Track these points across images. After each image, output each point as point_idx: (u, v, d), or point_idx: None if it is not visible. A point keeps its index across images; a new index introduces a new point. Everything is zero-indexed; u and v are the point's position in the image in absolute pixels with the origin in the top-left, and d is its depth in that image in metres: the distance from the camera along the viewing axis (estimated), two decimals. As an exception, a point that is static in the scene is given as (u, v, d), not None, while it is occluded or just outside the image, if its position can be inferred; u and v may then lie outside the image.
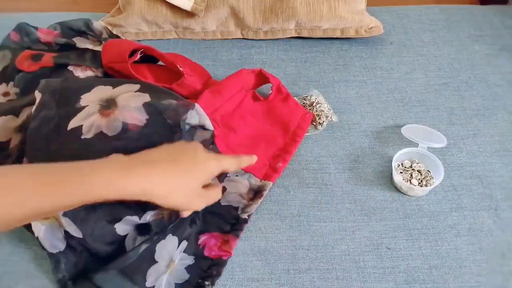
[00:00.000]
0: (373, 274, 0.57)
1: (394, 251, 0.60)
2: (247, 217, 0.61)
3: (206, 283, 0.55)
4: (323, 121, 0.74)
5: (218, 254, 0.58)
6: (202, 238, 0.59)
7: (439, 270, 0.58)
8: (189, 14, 0.87)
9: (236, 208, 0.62)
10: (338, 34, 0.89)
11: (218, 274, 0.56)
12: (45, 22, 0.85)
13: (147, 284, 0.53)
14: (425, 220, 0.63)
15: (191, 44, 0.91)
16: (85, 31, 0.84)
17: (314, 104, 0.75)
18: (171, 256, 0.55)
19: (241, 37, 0.92)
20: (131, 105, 0.57)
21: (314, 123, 0.74)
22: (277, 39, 0.91)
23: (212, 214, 0.61)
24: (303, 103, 0.77)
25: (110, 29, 0.89)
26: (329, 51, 0.89)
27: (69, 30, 0.84)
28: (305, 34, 0.90)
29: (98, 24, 0.87)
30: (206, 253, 0.58)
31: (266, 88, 0.77)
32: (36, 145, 0.56)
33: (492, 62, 0.87)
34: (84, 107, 0.58)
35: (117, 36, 0.89)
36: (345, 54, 0.89)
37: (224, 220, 0.61)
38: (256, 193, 0.64)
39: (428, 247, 0.60)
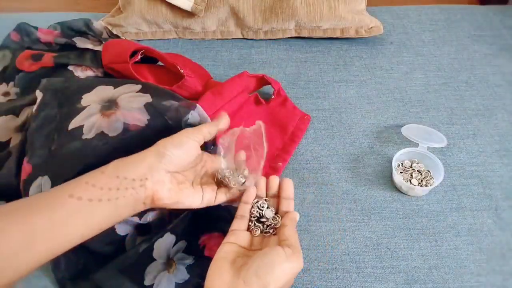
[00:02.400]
0: (373, 274, 0.57)
1: (394, 251, 0.60)
2: None
3: None
4: None
5: None
6: (202, 238, 0.59)
7: (439, 270, 0.58)
8: (189, 14, 0.87)
9: (237, 208, 0.62)
10: (338, 34, 0.89)
11: None
12: (45, 22, 0.85)
13: (146, 282, 0.53)
14: (425, 220, 0.63)
15: (191, 44, 0.91)
16: (85, 31, 0.84)
17: None
18: (168, 253, 0.55)
19: (241, 37, 0.92)
20: (132, 106, 0.57)
21: None
22: (277, 39, 0.91)
23: (212, 214, 0.61)
24: None
25: (110, 29, 0.89)
26: (329, 51, 0.89)
27: (69, 30, 0.84)
28: (305, 34, 0.90)
29: (98, 24, 0.87)
30: (206, 253, 0.58)
31: (266, 88, 0.77)
32: (37, 144, 0.56)
33: (492, 62, 0.87)
34: (85, 107, 0.58)
35: (117, 36, 0.89)
36: (345, 54, 0.89)
37: (224, 220, 0.61)
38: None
39: (428, 247, 0.60)
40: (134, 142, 0.55)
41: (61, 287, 0.54)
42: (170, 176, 0.48)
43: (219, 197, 0.54)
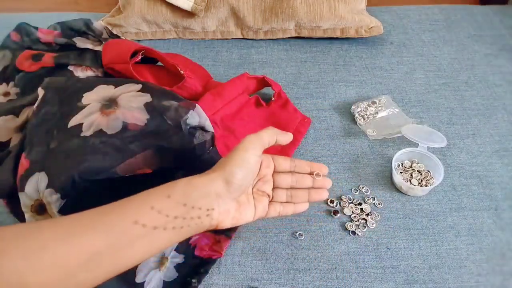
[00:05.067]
0: (373, 274, 0.57)
1: (394, 251, 0.60)
2: None
3: (193, 280, 0.55)
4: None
5: (208, 254, 0.58)
6: (194, 238, 0.59)
7: (439, 270, 0.58)
8: (189, 14, 0.87)
9: None
10: (338, 34, 0.89)
11: (205, 272, 0.56)
12: (45, 22, 0.85)
13: (137, 280, 0.53)
14: (425, 220, 0.63)
15: (191, 44, 0.91)
16: (85, 31, 0.84)
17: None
18: (162, 252, 0.55)
19: (241, 37, 0.92)
20: (132, 105, 0.57)
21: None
22: (277, 39, 0.91)
23: None
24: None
25: (110, 29, 0.89)
26: (329, 51, 0.89)
27: (69, 30, 0.84)
28: (305, 34, 0.90)
29: (98, 24, 0.87)
30: (196, 252, 0.58)
31: (268, 90, 0.77)
32: (36, 140, 0.56)
33: (492, 62, 0.87)
34: (85, 106, 0.58)
35: (117, 36, 0.89)
36: (345, 54, 0.89)
37: None
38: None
39: (428, 247, 0.60)
40: (132, 141, 0.55)
41: None
42: (235, 203, 0.48)
43: (271, 212, 0.53)
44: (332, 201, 0.64)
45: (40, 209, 0.53)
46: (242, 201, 0.50)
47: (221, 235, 0.59)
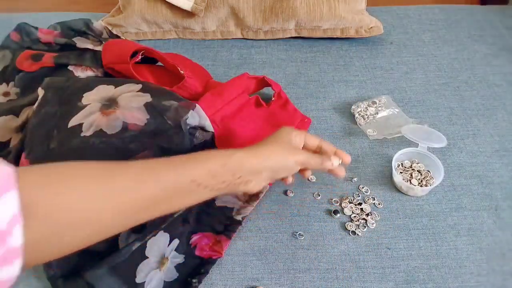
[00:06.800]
0: (373, 274, 0.57)
1: (394, 251, 0.60)
2: (241, 219, 0.61)
3: (194, 280, 0.55)
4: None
5: (208, 254, 0.58)
6: (194, 238, 0.59)
7: (439, 270, 0.58)
8: (189, 14, 0.87)
9: (231, 209, 0.62)
10: (338, 34, 0.89)
11: (206, 273, 0.56)
12: (45, 22, 0.85)
13: (137, 280, 0.53)
14: (425, 220, 0.63)
15: (191, 44, 0.91)
16: (85, 31, 0.84)
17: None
18: (162, 252, 0.55)
19: (241, 37, 0.92)
20: (132, 105, 0.57)
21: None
22: (277, 39, 0.91)
23: (206, 214, 0.61)
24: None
25: (110, 29, 0.89)
26: (329, 51, 0.89)
27: (69, 30, 0.84)
28: (305, 34, 0.90)
29: (98, 24, 0.87)
30: (197, 252, 0.58)
31: (268, 90, 0.77)
32: (36, 140, 0.56)
33: (492, 62, 0.87)
34: (85, 106, 0.58)
35: (117, 36, 0.89)
36: (345, 54, 0.89)
37: (218, 220, 0.61)
38: (252, 195, 0.64)
39: (428, 247, 0.60)
40: (132, 140, 0.55)
41: (53, 284, 0.53)
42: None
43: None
44: (332, 201, 0.64)
45: None
46: None
47: (221, 235, 0.59)
